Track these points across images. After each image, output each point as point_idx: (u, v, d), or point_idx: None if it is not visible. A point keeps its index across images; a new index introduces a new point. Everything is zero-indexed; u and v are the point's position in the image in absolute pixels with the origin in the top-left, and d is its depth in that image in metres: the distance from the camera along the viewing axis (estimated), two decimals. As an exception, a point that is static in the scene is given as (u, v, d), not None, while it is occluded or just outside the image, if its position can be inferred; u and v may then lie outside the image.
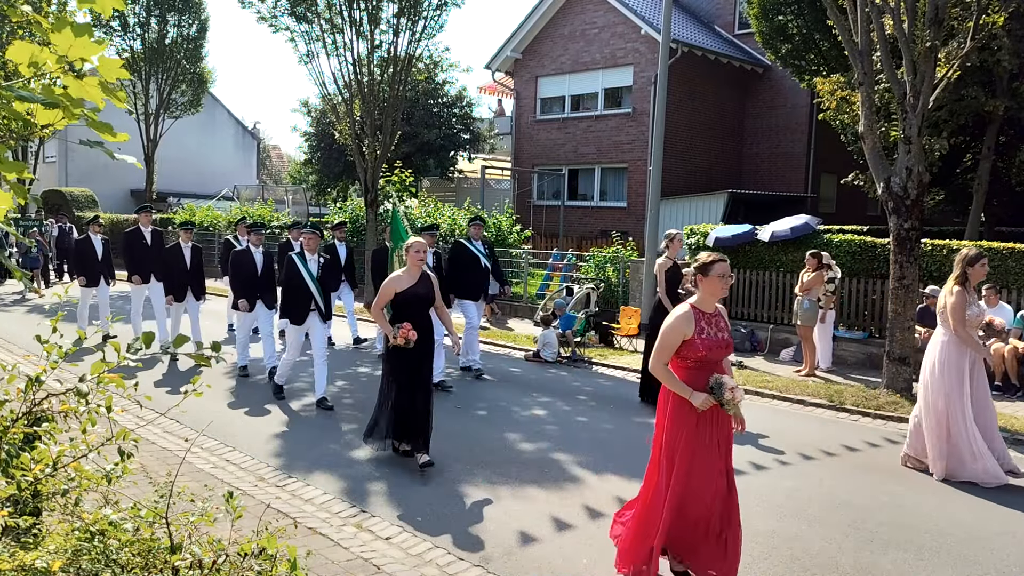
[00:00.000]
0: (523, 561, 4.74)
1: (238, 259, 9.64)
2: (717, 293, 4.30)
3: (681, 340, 4.20)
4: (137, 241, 11.36)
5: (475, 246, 10.10)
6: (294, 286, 8.26)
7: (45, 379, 2.96)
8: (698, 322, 4.22)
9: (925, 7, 8.97)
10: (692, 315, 4.24)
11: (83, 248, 12.19)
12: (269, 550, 2.88)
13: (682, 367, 4.25)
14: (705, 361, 4.20)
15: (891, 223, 9.32)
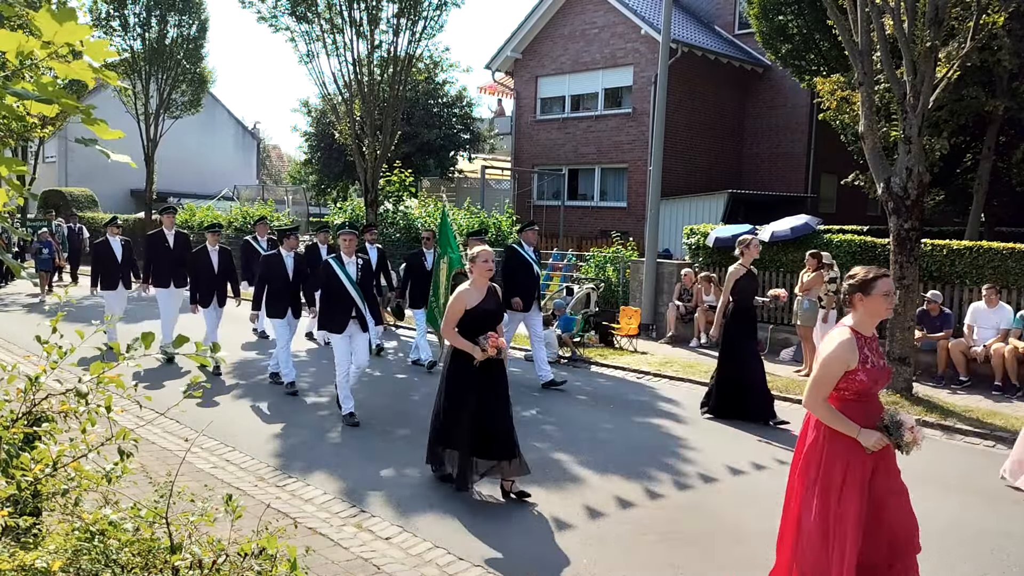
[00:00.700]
0: (523, 561, 4.74)
1: (269, 265, 9.00)
2: (881, 314, 3.70)
3: (843, 371, 3.62)
4: (160, 244, 10.83)
5: (527, 252, 9.59)
6: (333, 293, 7.66)
7: (45, 379, 2.96)
8: (861, 349, 3.63)
9: (925, 7, 8.96)
10: (855, 342, 3.64)
11: (101, 251, 11.55)
12: (269, 550, 2.88)
13: (837, 399, 3.69)
14: (867, 394, 3.68)
15: (891, 223, 9.32)
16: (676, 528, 5.30)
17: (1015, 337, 9.75)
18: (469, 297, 5.64)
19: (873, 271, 3.72)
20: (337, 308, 7.68)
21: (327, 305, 7.74)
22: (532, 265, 9.60)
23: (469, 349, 5.53)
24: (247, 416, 7.99)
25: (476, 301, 5.61)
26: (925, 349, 10.34)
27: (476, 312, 5.61)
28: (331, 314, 7.72)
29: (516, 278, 9.36)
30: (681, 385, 10.04)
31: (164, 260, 10.70)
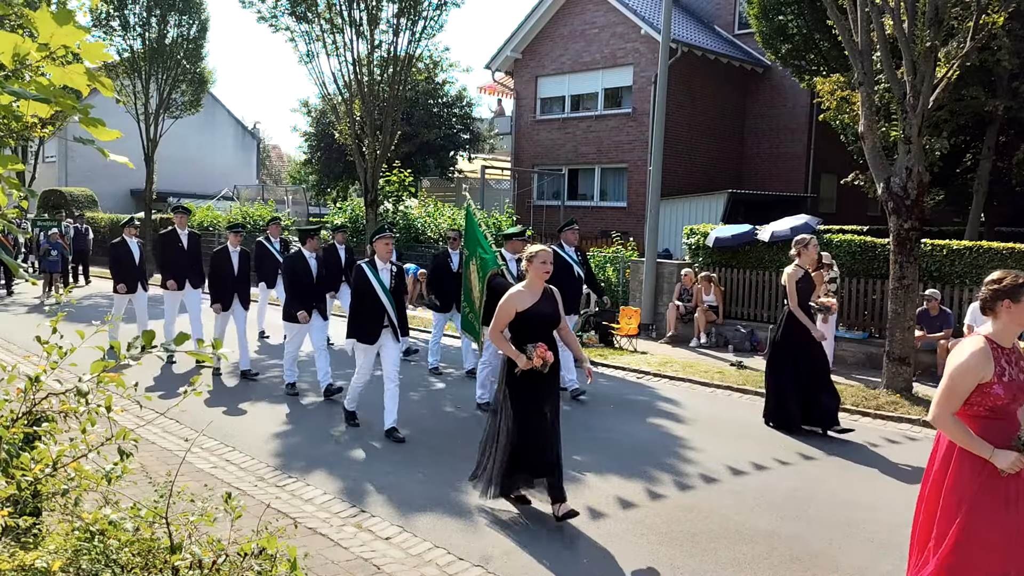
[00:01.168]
0: (524, 561, 4.74)
1: (293, 266, 8.63)
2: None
3: (976, 384, 3.37)
4: (172, 244, 10.57)
5: (568, 252, 9.07)
6: (365, 300, 7.15)
7: (45, 379, 2.96)
8: (998, 361, 3.38)
9: (925, 7, 8.96)
10: (989, 352, 3.38)
11: (119, 252, 11.19)
12: (269, 550, 2.88)
13: (967, 414, 3.44)
14: (1003, 410, 3.40)
15: (891, 223, 9.32)
16: (676, 528, 5.30)
17: (1015, 337, 9.75)
18: (521, 299, 5.28)
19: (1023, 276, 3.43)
20: (369, 317, 7.17)
21: (358, 313, 7.23)
22: (573, 267, 9.05)
23: (513, 355, 5.18)
24: (247, 416, 7.99)
25: (529, 303, 5.26)
26: (925, 349, 10.35)
27: (529, 315, 5.26)
28: (362, 323, 7.19)
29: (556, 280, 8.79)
30: (681, 385, 10.04)
31: (178, 260, 10.48)
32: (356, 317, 7.25)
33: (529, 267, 5.33)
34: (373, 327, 7.18)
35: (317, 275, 8.64)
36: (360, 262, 7.33)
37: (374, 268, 7.20)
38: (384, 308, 7.17)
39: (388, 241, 7.25)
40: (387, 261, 7.28)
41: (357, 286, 7.21)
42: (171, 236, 10.65)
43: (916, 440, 7.71)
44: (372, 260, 7.26)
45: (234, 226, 10.22)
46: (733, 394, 9.42)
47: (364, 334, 7.20)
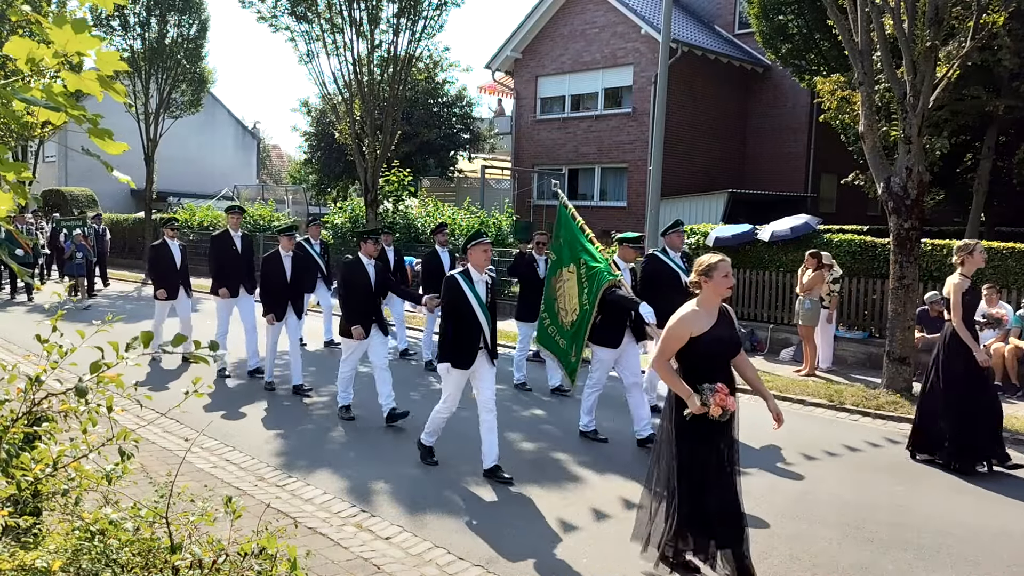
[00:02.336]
0: (523, 561, 4.74)
1: (352, 275, 7.66)
2: None
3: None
4: (226, 247, 9.68)
5: (673, 259, 7.92)
6: (460, 317, 6.12)
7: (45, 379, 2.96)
8: None
9: (925, 7, 8.96)
10: None
11: (159, 254, 10.46)
12: (269, 550, 2.88)
13: None
14: None
15: (891, 223, 9.32)
16: (676, 528, 5.29)
17: (1015, 336, 9.75)
18: (697, 321, 4.30)
19: None
20: (465, 337, 6.12)
21: (451, 333, 6.14)
22: (680, 275, 7.65)
23: (684, 395, 4.24)
24: (247, 416, 7.99)
25: (706, 326, 4.29)
26: (925, 349, 10.34)
27: (707, 341, 4.28)
28: (456, 344, 6.12)
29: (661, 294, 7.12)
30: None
31: (232, 265, 9.66)
32: (449, 339, 6.14)
33: (707, 282, 4.33)
34: (469, 349, 6.13)
35: (376, 283, 7.70)
36: (453, 273, 6.24)
37: (469, 280, 6.16)
38: (481, 327, 6.16)
39: (487, 248, 6.23)
40: (483, 271, 6.23)
41: (450, 301, 6.14)
42: (224, 239, 9.85)
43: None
44: (466, 271, 6.20)
45: (287, 229, 9.21)
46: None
47: (460, 357, 6.12)
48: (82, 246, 16.63)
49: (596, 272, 6.82)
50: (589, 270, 6.92)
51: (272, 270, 8.83)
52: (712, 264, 4.36)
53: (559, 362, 7.52)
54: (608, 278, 6.73)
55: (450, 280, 6.21)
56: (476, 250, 6.21)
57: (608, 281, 6.72)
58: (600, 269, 6.83)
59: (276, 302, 8.82)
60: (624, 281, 6.89)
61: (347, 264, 7.82)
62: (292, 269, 8.89)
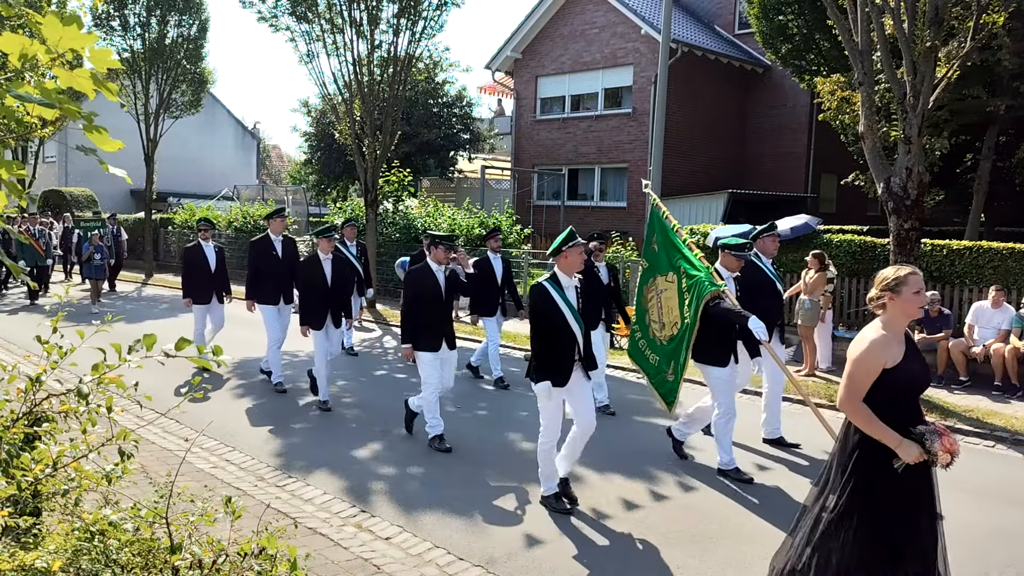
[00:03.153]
0: (524, 561, 4.74)
1: (418, 280, 6.92)
2: None
3: None
4: (266, 252, 9.03)
5: (765, 265, 7.23)
6: (552, 329, 5.38)
7: (45, 379, 2.96)
8: None
9: (925, 7, 8.97)
10: None
11: (193, 258, 9.98)
12: (269, 550, 2.89)
13: None
14: None
15: (891, 223, 9.32)
16: (677, 528, 5.30)
17: (1015, 337, 9.76)
18: (888, 349, 3.46)
19: None
20: (559, 352, 5.42)
21: (545, 347, 5.42)
22: (774, 282, 7.20)
23: (894, 443, 3.38)
24: (247, 416, 7.99)
25: (898, 356, 3.46)
26: (925, 349, 10.34)
27: (902, 375, 3.46)
28: (551, 359, 5.39)
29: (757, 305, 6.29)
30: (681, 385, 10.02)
31: (271, 272, 8.98)
32: (543, 353, 5.42)
33: (894, 299, 3.56)
34: (565, 364, 5.42)
35: (447, 291, 6.97)
36: (541, 281, 5.49)
37: (558, 286, 5.42)
38: (575, 338, 5.44)
39: (581, 250, 5.52)
40: (573, 275, 5.51)
41: (539, 311, 5.44)
42: (263, 244, 9.15)
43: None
44: (554, 275, 5.47)
45: (326, 230, 8.40)
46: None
47: (556, 373, 5.39)
48: (100, 247, 16.27)
49: (696, 282, 6.11)
50: (690, 279, 6.18)
51: (311, 275, 8.14)
52: (900, 278, 3.60)
53: (649, 382, 6.72)
54: (709, 288, 6.00)
55: (538, 288, 5.45)
56: (571, 252, 5.43)
57: (710, 292, 5.98)
58: (700, 279, 6.11)
59: (316, 311, 8.09)
60: (729, 292, 6.15)
61: (414, 272, 7.15)
62: (333, 273, 8.18)
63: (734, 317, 5.96)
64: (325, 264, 8.19)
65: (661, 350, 6.45)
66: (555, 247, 5.47)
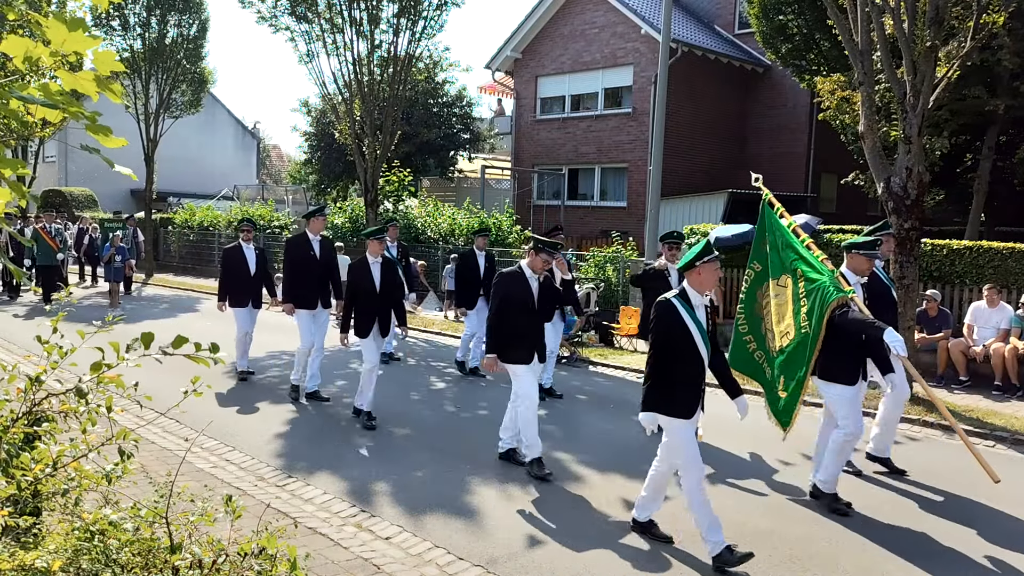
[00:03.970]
0: (524, 561, 4.74)
1: (508, 286, 6.36)
2: None
3: None
4: (303, 253, 8.57)
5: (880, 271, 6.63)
6: (678, 351, 4.81)
7: (45, 379, 2.96)
8: None
9: (925, 7, 8.96)
10: None
11: (232, 259, 9.48)
12: (269, 550, 2.88)
13: None
14: None
15: (891, 223, 9.32)
16: (677, 528, 5.30)
17: (1015, 337, 9.76)
18: None
19: None
20: (688, 380, 4.84)
21: (666, 372, 4.82)
22: (890, 289, 6.67)
23: None
24: (247, 416, 7.99)
25: None
26: (925, 349, 10.34)
27: None
28: (677, 388, 4.82)
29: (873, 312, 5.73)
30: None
31: (309, 274, 8.54)
32: (665, 379, 4.82)
33: None
34: (693, 393, 4.86)
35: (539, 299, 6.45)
36: (669, 297, 4.90)
37: (687, 304, 4.83)
38: (703, 363, 4.89)
39: (717, 266, 4.90)
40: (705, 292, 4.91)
41: (664, 330, 4.83)
42: (300, 243, 8.70)
43: (916, 440, 7.72)
44: (683, 293, 4.89)
45: (377, 232, 7.94)
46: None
47: (683, 405, 4.82)
48: (121, 248, 15.93)
49: (819, 287, 5.47)
50: (809, 283, 5.58)
51: (360, 280, 7.62)
52: None
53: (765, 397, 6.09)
54: (835, 295, 5.38)
55: (665, 305, 4.85)
56: (706, 268, 4.82)
57: (836, 299, 5.37)
58: (823, 283, 5.48)
59: (363, 319, 7.60)
60: (857, 299, 5.53)
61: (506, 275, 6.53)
62: (382, 278, 7.67)
63: (868, 329, 5.34)
64: (374, 268, 7.66)
65: (775, 361, 5.85)
66: (687, 261, 4.88)
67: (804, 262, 5.72)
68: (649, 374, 4.87)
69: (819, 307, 5.42)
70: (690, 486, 4.79)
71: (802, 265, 5.69)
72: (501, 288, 6.38)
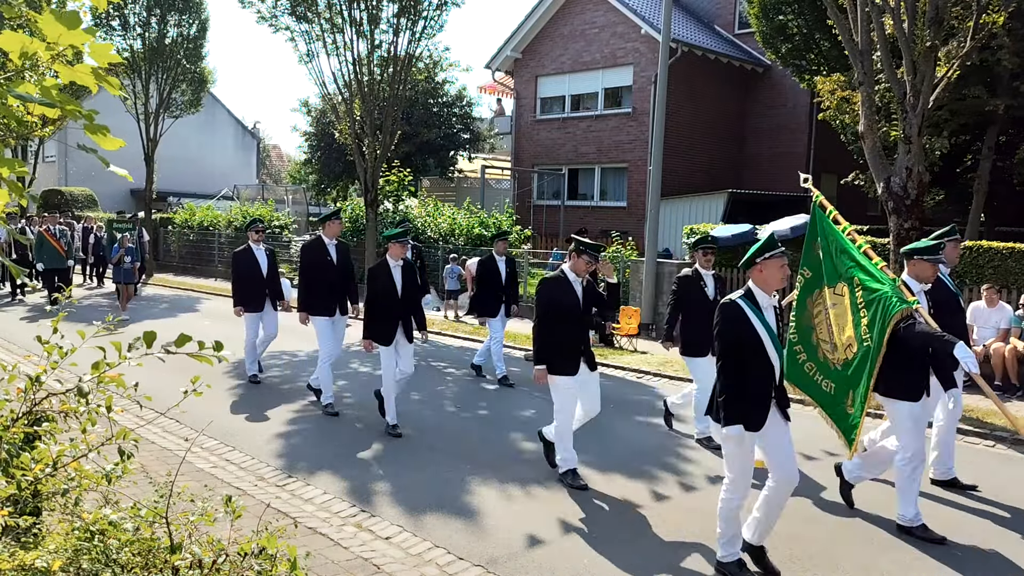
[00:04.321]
0: (524, 561, 4.74)
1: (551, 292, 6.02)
2: None
3: None
4: (320, 258, 8.24)
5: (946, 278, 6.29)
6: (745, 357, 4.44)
7: (45, 379, 2.96)
8: None
9: (925, 7, 8.97)
10: None
11: (243, 262, 9.23)
12: (269, 550, 2.88)
13: None
14: None
15: (891, 223, 9.33)
16: (678, 528, 5.30)
17: (1015, 336, 9.76)
18: None
19: None
20: (754, 387, 4.46)
21: (735, 383, 4.43)
22: (957, 297, 6.36)
23: None
24: (247, 416, 7.98)
25: None
26: (925, 349, 10.34)
27: None
28: (747, 396, 4.44)
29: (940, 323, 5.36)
30: (681, 385, 10.03)
31: (325, 279, 8.22)
32: (733, 387, 4.42)
33: None
34: (762, 401, 4.49)
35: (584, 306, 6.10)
36: (734, 297, 4.53)
37: (755, 305, 4.47)
38: (773, 370, 4.50)
39: (784, 262, 4.52)
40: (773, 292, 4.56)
41: (731, 336, 4.47)
42: (316, 247, 8.40)
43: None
44: (749, 293, 4.52)
45: (399, 234, 7.47)
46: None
47: (753, 415, 4.44)
48: (131, 250, 15.43)
49: (880, 297, 5.13)
50: (868, 293, 5.21)
51: (380, 285, 7.26)
52: None
53: (823, 412, 5.63)
54: (898, 306, 5.02)
55: (731, 308, 4.47)
56: (770, 265, 4.47)
57: (899, 310, 5.02)
58: (884, 292, 5.13)
59: (384, 325, 7.25)
60: (922, 309, 5.19)
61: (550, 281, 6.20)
62: (404, 282, 7.34)
63: (936, 342, 4.97)
64: (395, 272, 7.30)
65: (837, 376, 5.43)
66: (748, 258, 4.53)
67: (861, 269, 5.34)
68: (722, 387, 4.43)
69: (881, 319, 5.07)
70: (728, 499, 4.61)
71: (859, 273, 5.31)
72: (545, 294, 6.02)
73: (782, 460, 4.56)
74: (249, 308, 9.21)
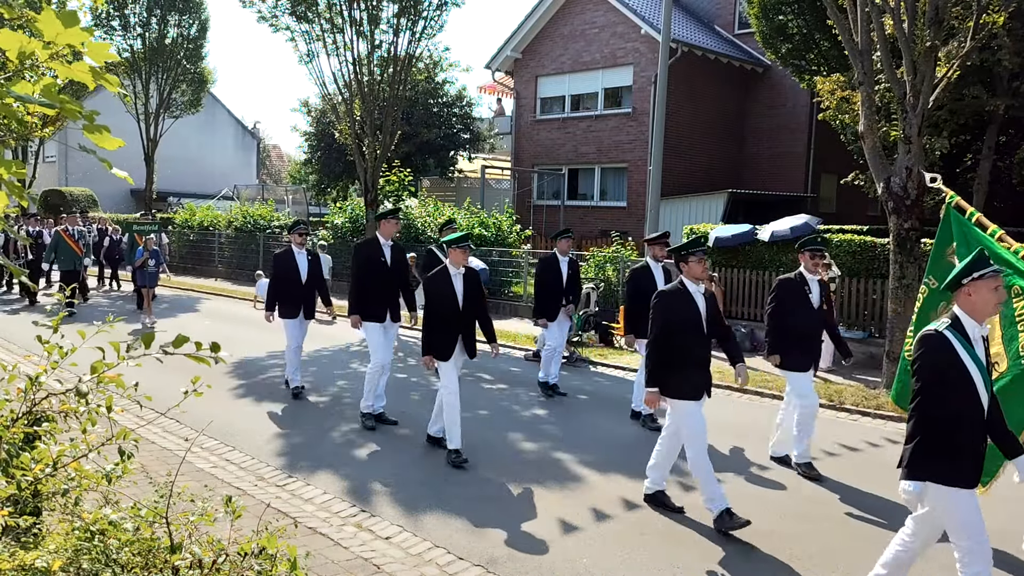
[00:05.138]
0: (523, 560, 4.74)
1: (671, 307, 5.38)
2: None
3: None
4: (374, 260, 7.69)
5: None
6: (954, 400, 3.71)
7: (45, 379, 2.96)
8: None
9: (925, 7, 8.97)
10: None
11: (283, 265, 8.69)
12: (269, 549, 2.88)
13: None
14: None
15: (891, 223, 9.33)
16: (677, 528, 5.30)
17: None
18: None
19: None
20: (963, 436, 3.76)
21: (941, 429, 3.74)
22: None
23: None
24: (247, 416, 7.99)
25: None
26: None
27: None
28: (961, 443, 3.74)
29: None
30: None
31: (380, 284, 7.69)
32: (937, 434, 3.75)
33: None
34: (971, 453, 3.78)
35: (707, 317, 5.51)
36: (940, 328, 3.78)
37: (964, 338, 3.74)
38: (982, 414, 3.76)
39: (1000, 284, 3.80)
40: (984, 322, 3.86)
41: (936, 371, 3.72)
42: (370, 249, 7.81)
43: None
44: (956, 322, 3.77)
45: (460, 238, 6.63)
46: (733, 394, 9.42)
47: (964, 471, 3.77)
48: (155, 252, 14.89)
49: None
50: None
51: (441, 293, 6.54)
52: None
53: None
54: None
55: (937, 340, 3.71)
56: (982, 287, 3.72)
57: None
58: None
59: (444, 337, 6.53)
60: None
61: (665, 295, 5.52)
62: (465, 291, 6.58)
63: None
64: (456, 280, 6.57)
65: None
66: (953, 278, 3.81)
67: (1018, 273, 4.41)
68: (916, 430, 3.75)
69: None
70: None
71: (1019, 280, 4.40)
72: (663, 310, 5.35)
73: None
74: (283, 314, 8.67)
